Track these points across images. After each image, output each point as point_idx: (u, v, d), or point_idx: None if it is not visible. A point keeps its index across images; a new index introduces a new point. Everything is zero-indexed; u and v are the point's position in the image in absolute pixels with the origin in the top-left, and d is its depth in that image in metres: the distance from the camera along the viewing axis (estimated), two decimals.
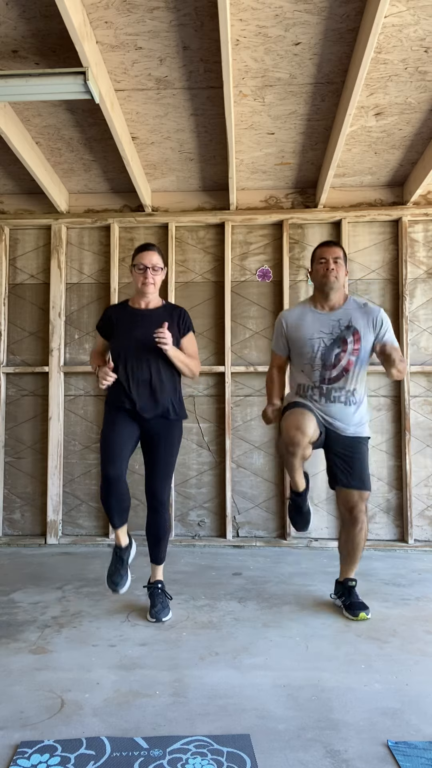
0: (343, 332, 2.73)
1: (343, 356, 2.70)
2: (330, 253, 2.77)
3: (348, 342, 2.71)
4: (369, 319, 2.75)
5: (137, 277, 2.73)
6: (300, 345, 2.78)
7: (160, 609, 2.65)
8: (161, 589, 2.74)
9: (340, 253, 2.78)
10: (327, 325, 2.76)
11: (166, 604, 2.70)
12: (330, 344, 2.73)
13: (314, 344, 2.74)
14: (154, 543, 2.76)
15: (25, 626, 2.58)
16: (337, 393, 2.71)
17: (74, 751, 1.64)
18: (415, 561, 3.70)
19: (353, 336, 2.72)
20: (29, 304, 4.35)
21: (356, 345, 2.71)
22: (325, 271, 2.75)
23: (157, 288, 2.79)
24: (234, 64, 2.76)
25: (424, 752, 1.63)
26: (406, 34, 2.56)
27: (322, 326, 2.76)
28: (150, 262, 2.71)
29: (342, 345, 2.72)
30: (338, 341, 2.72)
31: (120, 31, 2.54)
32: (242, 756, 1.62)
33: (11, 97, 2.74)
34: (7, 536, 4.21)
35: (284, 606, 2.83)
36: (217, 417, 4.20)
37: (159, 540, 2.75)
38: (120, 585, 2.65)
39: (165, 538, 2.76)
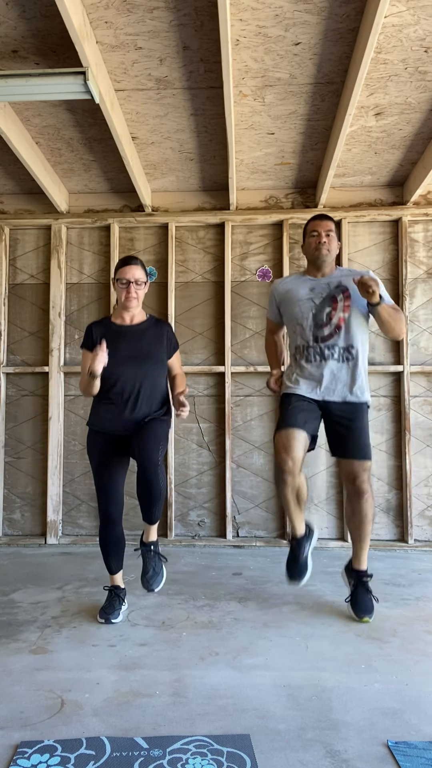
0: (332, 291, 2.76)
1: (334, 314, 2.72)
2: (322, 226, 2.79)
3: (338, 300, 2.73)
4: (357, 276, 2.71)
5: (120, 292, 2.69)
6: (291, 307, 2.82)
7: (153, 575, 2.60)
8: (155, 551, 2.68)
9: (331, 225, 2.81)
10: (317, 288, 2.80)
11: (160, 569, 2.65)
12: (320, 303, 2.75)
13: (304, 305, 2.78)
14: (148, 503, 2.55)
15: (25, 626, 2.58)
16: (330, 350, 2.71)
17: (74, 751, 1.64)
18: (415, 561, 3.71)
19: (342, 294, 2.73)
20: (29, 304, 4.35)
21: (346, 302, 2.72)
22: (317, 244, 2.77)
23: (140, 302, 2.75)
24: (234, 64, 2.76)
25: (424, 752, 1.63)
26: (406, 34, 2.56)
27: (311, 289, 2.81)
28: (133, 277, 2.67)
29: (332, 303, 2.73)
30: (328, 299, 2.75)
31: (120, 31, 2.54)
32: (242, 756, 1.62)
33: (11, 97, 2.74)
34: (7, 536, 4.21)
35: (284, 606, 2.83)
36: (217, 417, 4.20)
37: (154, 500, 2.54)
38: (113, 616, 2.62)
39: (160, 497, 2.55)
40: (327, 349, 2.71)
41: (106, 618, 2.61)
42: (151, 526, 2.70)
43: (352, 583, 2.74)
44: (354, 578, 2.74)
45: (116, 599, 2.69)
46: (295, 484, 2.61)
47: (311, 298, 2.77)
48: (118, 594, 2.72)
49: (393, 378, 4.15)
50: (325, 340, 2.72)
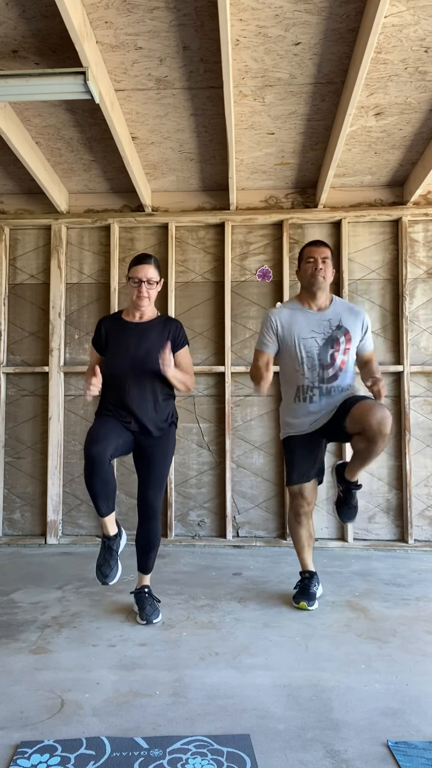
0: (334, 332, 2.81)
1: (337, 356, 2.79)
2: (318, 252, 2.81)
3: (340, 342, 2.79)
4: (357, 321, 2.86)
5: (132, 291, 2.70)
6: (293, 345, 2.81)
7: (150, 611, 2.62)
8: (148, 594, 2.70)
9: (328, 252, 2.83)
10: (319, 325, 2.82)
11: (155, 607, 2.67)
12: (323, 344, 2.79)
13: (308, 344, 2.80)
14: (143, 552, 2.72)
15: (25, 626, 2.58)
16: (335, 390, 2.80)
17: (74, 751, 1.64)
18: (415, 561, 3.70)
19: (344, 336, 2.81)
20: (29, 304, 4.35)
21: (347, 345, 2.81)
22: (313, 270, 2.80)
23: (152, 301, 2.75)
24: (234, 64, 2.76)
25: (424, 752, 1.63)
26: (406, 34, 2.56)
27: (314, 326, 2.82)
28: (145, 276, 2.66)
29: (335, 345, 2.79)
30: (331, 341, 2.79)
31: (120, 31, 2.54)
32: (242, 756, 1.62)
33: (11, 97, 2.74)
34: (7, 536, 4.21)
35: (284, 606, 2.83)
36: (217, 417, 4.20)
37: (149, 549, 2.71)
38: (110, 577, 2.56)
39: (155, 547, 2.72)
40: (333, 389, 2.79)
41: (102, 579, 2.55)
42: (144, 576, 2.76)
43: (341, 489, 2.89)
44: (344, 486, 2.87)
45: (109, 552, 2.59)
46: (310, 526, 2.86)
47: (314, 338, 2.80)
48: (111, 545, 2.59)
49: (393, 378, 4.15)
50: (330, 381, 2.79)
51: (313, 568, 2.90)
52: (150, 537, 2.69)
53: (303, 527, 2.85)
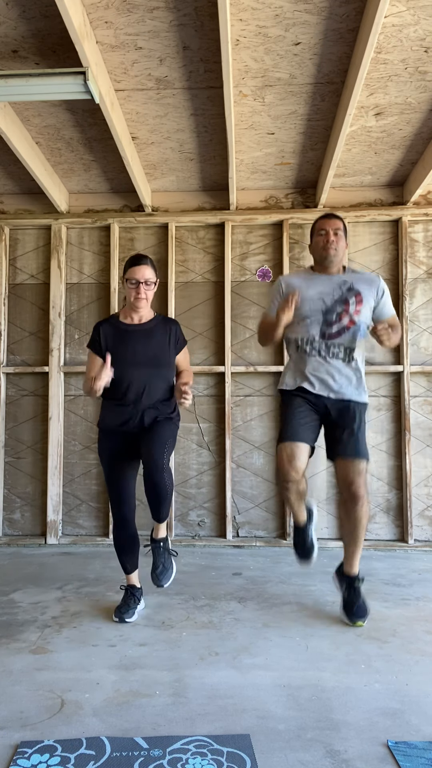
0: (345, 293, 2.69)
1: (345, 316, 2.66)
2: (330, 224, 2.72)
3: (350, 303, 2.67)
4: (372, 285, 2.73)
5: (129, 292, 2.67)
6: (300, 304, 2.69)
7: (162, 571, 2.60)
8: (164, 547, 2.68)
9: (340, 224, 2.73)
10: (329, 285, 2.72)
11: (170, 564, 2.65)
12: (332, 303, 2.68)
13: (314, 303, 2.69)
14: (154, 501, 2.55)
15: (25, 626, 2.58)
16: (336, 349, 2.66)
17: (74, 751, 1.64)
18: (415, 561, 3.71)
19: (355, 297, 2.68)
20: (29, 304, 4.35)
21: (357, 306, 2.67)
22: (325, 243, 2.71)
23: (150, 302, 2.73)
24: (234, 64, 2.76)
25: (424, 752, 1.63)
26: (406, 34, 2.56)
27: (324, 286, 2.72)
28: (143, 277, 2.63)
29: (344, 305, 2.67)
30: (340, 301, 2.68)
31: (120, 31, 2.54)
32: (242, 756, 1.62)
33: (11, 97, 2.74)
34: (7, 536, 4.21)
35: (284, 606, 2.83)
36: (217, 417, 4.20)
37: (160, 500, 2.55)
38: (128, 616, 2.64)
39: (167, 498, 2.56)
40: (333, 347, 2.66)
41: (121, 617, 2.61)
42: (159, 524, 2.70)
43: (344, 587, 2.69)
44: (345, 583, 2.69)
45: (131, 598, 2.70)
46: (298, 491, 2.66)
47: (322, 298, 2.69)
48: (134, 593, 2.72)
49: (393, 378, 4.15)
50: (332, 338, 2.66)
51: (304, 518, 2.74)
52: (159, 486, 2.50)
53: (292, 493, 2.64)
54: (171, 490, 2.56)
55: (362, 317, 2.68)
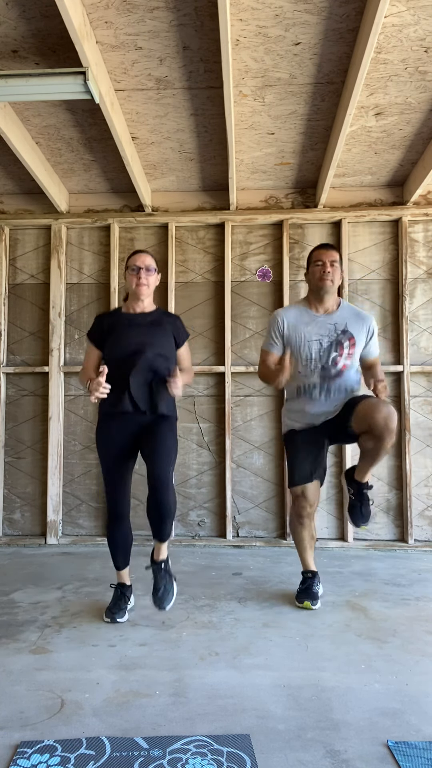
0: (339, 336, 2.83)
1: (340, 360, 2.82)
2: (327, 256, 2.83)
3: (344, 347, 2.83)
4: (363, 326, 2.88)
5: (131, 279, 2.69)
6: (298, 346, 2.85)
7: (164, 593, 2.55)
8: (165, 569, 2.62)
9: (336, 256, 2.85)
10: (324, 328, 2.85)
11: (171, 587, 2.60)
12: (327, 347, 2.83)
13: (312, 346, 2.83)
14: (157, 521, 2.52)
15: (25, 626, 2.58)
16: (336, 389, 2.83)
17: (74, 751, 1.64)
18: (415, 561, 3.71)
19: (349, 341, 2.83)
20: (29, 304, 4.35)
21: (351, 350, 2.83)
22: (321, 273, 2.82)
23: (151, 291, 2.74)
24: (234, 64, 2.76)
25: (424, 752, 1.63)
26: (406, 34, 2.56)
27: (319, 329, 2.85)
28: (143, 263, 2.67)
29: (339, 349, 2.83)
30: (335, 345, 2.83)
31: (120, 31, 2.54)
32: (242, 756, 1.62)
33: (11, 97, 2.74)
34: (7, 536, 4.21)
35: (284, 606, 2.83)
36: (217, 417, 4.20)
37: (164, 518, 2.52)
38: (119, 615, 2.64)
39: (170, 516, 2.53)
40: (334, 389, 2.82)
41: (112, 617, 2.61)
42: (161, 544, 2.60)
43: (353, 492, 2.89)
44: (355, 488, 2.88)
45: (122, 599, 2.70)
46: (312, 527, 2.87)
47: (318, 340, 2.83)
48: (124, 593, 2.72)
49: (393, 378, 4.15)
50: (332, 380, 2.83)
51: (314, 568, 2.91)
52: (162, 505, 2.49)
53: (305, 529, 2.86)
54: (175, 508, 2.56)
55: (355, 359, 2.87)
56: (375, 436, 2.62)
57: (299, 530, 2.86)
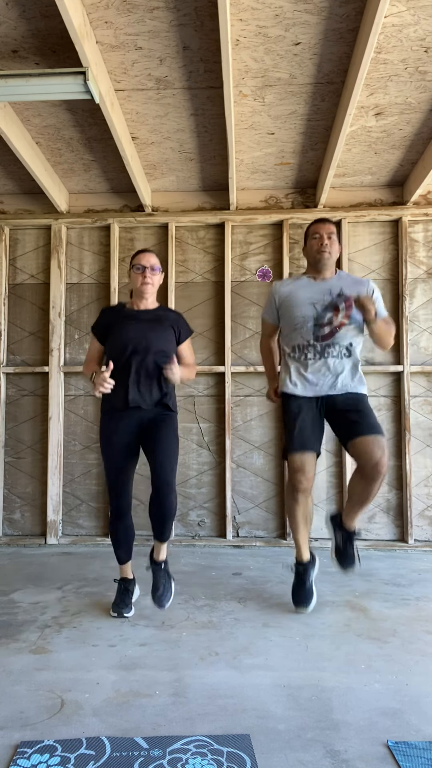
0: (334, 299, 2.79)
1: (335, 319, 2.78)
2: (324, 229, 2.84)
3: (340, 308, 2.78)
4: (360, 288, 2.82)
5: (136, 278, 2.73)
6: (292, 310, 2.83)
7: (163, 592, 2.64)
8: (164, 569, 2.71)
9: (333, 229, 2.87)
10: (319, 292, 2.83)
11: (170, 587, 2.69)
12: (322, 309, 2.79)
13: (306, 309, 2.81)
14: (159, 521, 2.61)
15: (25, 626, 2.58)
16: (330, 348, 2.77)
17: (74, 751, 1.64)
18: (415, 561, 3.71)
19: (344, 303, 2.78)
20: (29, 304, 4.35)
21: (348, 311, 2.78)
22: (319, 246, 2.82)
23: (155, 290, 2.78)
24: (234, 64, 2.76)
25: (424, 752, 1.63)
26: (406, 34, 2.56)
27: (314, 293, 2.83)
28: (148, 263, 2.72)
29: (333, 310, 2.79)
30: (330, 306, 2.79)
31: (120, 31, 2.54)
32: (242, 756, 1.62)
33: (11, 97, 2.74)
34: (7, 536, 4.21)
35: (284, 606, 2.83)
36: (217, 417, 4.20)
37: (165, 519, 2.60)
38: (126, 611, 2.68)
39: (171, 517, 2.63)
40: (328, 347, 2.76)
41: (119, 612, 2.66)
42: (162, 544, 2.70)
43: (339, 537, 2.85)
44: (343, 534, 2.85)
45: (126, 593, 2.74)
46: (307, 504, 2.75)
47: (313, 303, 2.80)
48: (128, 587, 2.76)
49: (393, 378, 4.15)
50: (326, 339, 2.77)
51: (308, 555, 2.79)
52: (164, 506, 2.58)
53: (299, 506, 2.74)
54: (176, 509, 2.65)
55: (353, 319, 2.78)
56: (364, 476, 2.65)
57: (294, 507, 2.75)
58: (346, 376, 2.78)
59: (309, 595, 2.74)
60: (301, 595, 2.73)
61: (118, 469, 2.69)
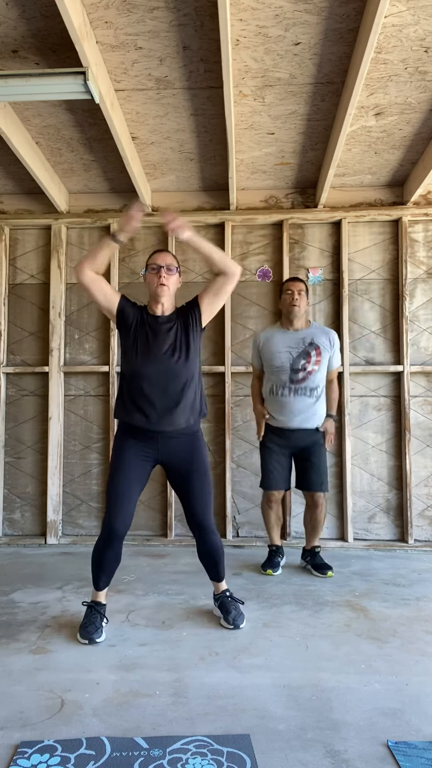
0: (307, 347, 3.40)
1: (308, 365, 3.37)
2: (295, 286, 3.43)
3: (311, 355, 3.39)
4: (328, 338, 3.44)
5: (151, 279, 2.57)
6: (271, 356, 3.42)
7: (236, 615, 2.56)
8: (230, 597, 2.66)
9: (303, 286, 3.46)
10: (293, 341, 3.41)
11: (240, 611, 2.60)
12: (296, 356, 3.39)
13: (283, 356, 3.39)
14: (211, 565, 2.66)
15: (25, 626, 2.58)
16: (302, 390, 3.36)
17: (74, 751, 1.64)
18: (415, 561, 3.71)
19: (315, 351, 3.39)
20: (29, 304, 4.35)
21: (318, 357, 3.38)
22: (291, 300, 3.41)
23: (172, 292, 2.60)
24: (234, 64, 2.76)
25: (424, 752, 1.63)
26: (406, 34, 2.56)
27: (289, 342, 3.42)
28: (164, 262, 2.56)
29: (306, 357, 3.38)
30: (303, 354, 3.39)
31: (120, 31, 2.54)
32: (242, 756, 1.62)
33: (11, 97, 2.74)
34: (7, 536, 4.21)
35: (284, 606, 2.83)
36: (217, 417, 4.20)
37: (216, 563, 2.65)
38: (98, 636, 2.42)
39: (222, 558, 2.66)
40: (300, 390, 3.36)
41: (90, 638, 2.39)
42: (219, 584, 2.70)
43: (308, 558, 3.48)
44: (309, 554, 3.48)
45: (97, 616, 2.50)
46: (278, 510, 3.53)
47: (289, 351, 3.40)
48: (99, 610, 2.52)
49: (393, 378, 4.15)
50: (298, 383, 3.37)
51: (279, 542, 3.53)
52: (213, 551, 2.63)
53: (273, 512, 3.49)
54: (222, 547, 2.67)
55: (322, 366, 3.41)
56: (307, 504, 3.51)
57: (268, 513, 3.50)
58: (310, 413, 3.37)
59: (276, 564, 3.44)
60: (270, 563, 3.44)
61: (121, 491, 2.50)
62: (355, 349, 4.17)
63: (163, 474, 4.16)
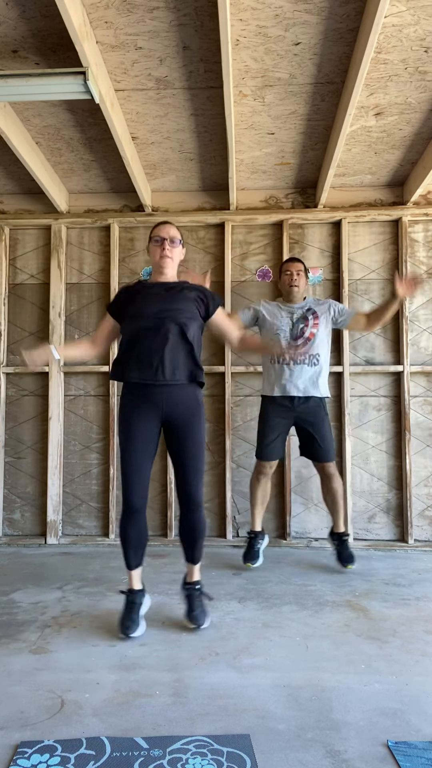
0: (305, 313, 3.51)
1: (306, 329, 3.46)
2: (293, 267, 3.56)
3: (309, 320, 3.48)
4: (325, 306, 3.54)
5: (154, 251, 2.58)
6: (272, 321, 3.51)
7: (200, 613, 2.52)
8: (200, 591, 2.60)
9: (301, 266, 3.57)
10: (291, 312, 3.53)
11: (205, 609, 2.56)
12: (295, 322, 3.49)
13: (283, 321, 3.50)
14: (190, 543, 2.59)
15: (25, 626, 2.58)
16: (302, 356, 3.42)
17: (74, 751, 1.64)
18: (415, 561, 3.71)
19: (312, 316, 3.49)
20: (29, 304, 4.35)
21: (315, 321, 3.48)
22: (290, 280, 3.54)
23: (176, 264, 2.62)
24: (234, 64, 2.76)
25: (424, 752, 1.63)
26: (406, 34, 2.56)
27: (289, 311, 3.53)
28: (168, 234, 2.57)
29: (305, 321, 3.48)
30: (301, 319, 3.49)
31: (120, 31, 2.54)
32: (242, 756, 1.62)
33: (11, 97, 2.74)
34: (7, 536, 4.21)
35: (284, 606, 2.83)
36: (217, 417, 4.20)
37: (196, 540, 2.58)
38: (131, 630, 2.43)
39: (202, 537, 2.59)
40: (300, 355, 3.40)
41: (125, 632, 2.42)
42: (194, 566, 2.62)
43: (336, 543, 3.48)
44: (336, 539, 3.48)
45: (134, 608, 2.50)
46: (266, 486, 3.52)
47: (289, 318, 3.50)
48: (135, 601, 2.52)
49: (393, 378, 4.15)
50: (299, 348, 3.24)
51: (259, 527, 3.52)
52: (196, 528, 2.56)
53: (260, 486, 3.50)
54: (206, 527, 2.63)
55: (321, 330, 3.47)
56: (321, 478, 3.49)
57: (255, 487, 3.50)
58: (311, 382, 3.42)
59: (255, 556, 3.44)
60: (249, 555, 3.44)
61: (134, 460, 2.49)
62: (355, 349, 4.17)
63: (163, 474, 4.16)
